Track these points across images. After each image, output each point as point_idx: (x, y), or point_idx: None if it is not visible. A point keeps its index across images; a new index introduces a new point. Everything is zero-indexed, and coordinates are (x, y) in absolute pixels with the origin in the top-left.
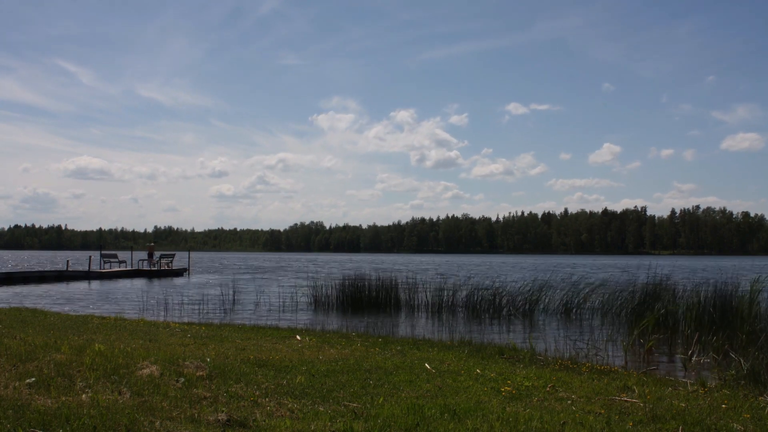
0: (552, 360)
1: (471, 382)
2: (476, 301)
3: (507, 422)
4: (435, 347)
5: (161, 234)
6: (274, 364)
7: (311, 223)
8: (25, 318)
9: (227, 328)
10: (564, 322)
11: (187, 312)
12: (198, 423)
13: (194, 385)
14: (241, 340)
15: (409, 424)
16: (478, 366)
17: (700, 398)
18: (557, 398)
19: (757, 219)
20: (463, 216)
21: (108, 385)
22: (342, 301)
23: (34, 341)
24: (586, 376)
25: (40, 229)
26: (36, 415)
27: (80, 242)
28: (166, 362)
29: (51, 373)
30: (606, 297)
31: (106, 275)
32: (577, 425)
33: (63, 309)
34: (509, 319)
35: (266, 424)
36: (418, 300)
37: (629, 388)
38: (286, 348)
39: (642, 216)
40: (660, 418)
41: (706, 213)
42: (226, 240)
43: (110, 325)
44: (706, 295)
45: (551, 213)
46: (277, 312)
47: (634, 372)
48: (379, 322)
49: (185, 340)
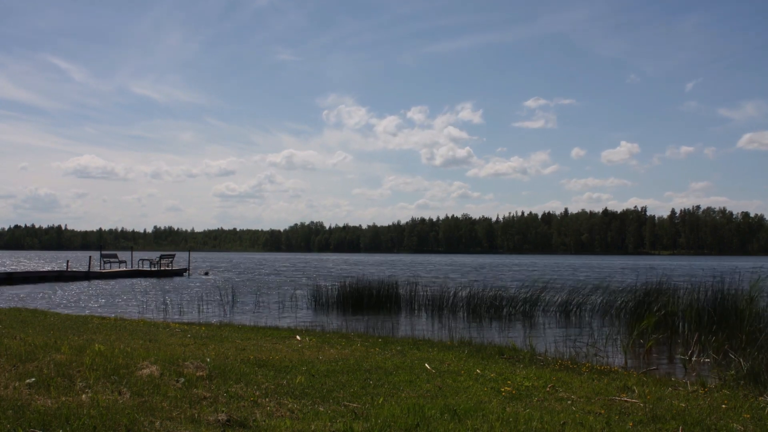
0: (552, 360)
1: (471, 383)
2: (476, 301)
3: (507, 422)
4: (435, 347)
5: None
6: (274, 364)
7: (311, 223)
8: (25, 318)
9: (227, 328)
10: (564, 322)
11: (187, 312)
12: (198, 423)
13: (194, 385)
14: (241, 341)
15: (409, 424)
16: (478, 366)
17: (700, 398)
18: (557, 398)
19: (757, 219)
20: (463, 216)
21: (108, 385)
22: (342, 302)
23: (34, 341)
24: (586, 376)
25: (40, 229)
26: (36, 415)
27: (80, 242)
28: (166, 362)
29: (51, 373)
30: (606, 297)
31: (106, 275)
32: (577, 425)
33: (63, 309)
34: (509, 320)
35: (266, 425)
36: (418, 300)
37: (629, 388)
38: (286, 348)
39: (642, 216)
40: (660, 418)
41: (706, 213)
42: (226, 240)
43: (110, 325)
44: (706, 296)
45: (551, 213)
46: (277, 312)
47: (634, 372)
48: (379, 322)
49: (185, 340)
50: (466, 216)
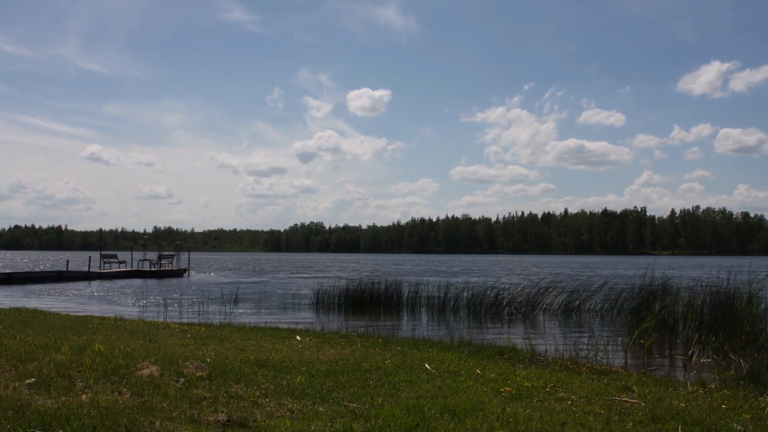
0: (552, 360)
1: (471, 383)
2: (477, 301)
3: (507, 422)
4: (435, 348)
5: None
6: (274, 364)
7: (311, 223)
8: (25, 318)
9: (227, 328)
10: (564, 322)
11: (187, 312)
12: (198, 423)
13: (194, 385)
14: (241, 341)
15: (409, 424)
16: (478, 366)
17: (700, 398)
18: (557, 398)
19: (757, 219)
20: (463, 216)
21: (108, 386)
22: (342, 302)
23: (34, 341)
24: (586, 376)
25: (40, 229)
26: (36, 415)
27: (80, 242)
28: (166, 362)
29: (51, 373)
30: (606, 298)
31: (106, 275)
32: (577, 425)
33: (63, 309)
34: (510, 320)
35: (266, 425)
36: (418, 301)
37: (629, 388)
38: (286, 348)
39: (642, 216)
40: (660, 418)
41: (706, 213)
42: (226, 240)
43: (110, 325)
44: (706, 296)
45: (551, 213)
46: (277, 312)
47: (634, 372)
48: (379, 322)
49: (185, 341)
50: (466, 216)
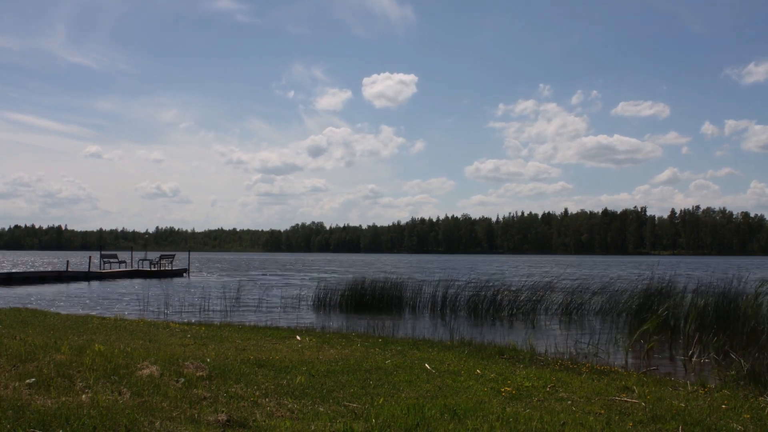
0: (552, 360)
1: (471, 383)
2: (477, 301)
3: (507, 422)
4: (435, 347)
5: (161, 234)
6: (274, 364)
7: (312, 223)
8: (25, 318)
9: (227, 328)
10: (565, 322)
11: (187, 312)
12: (198, 423)
13: (194, 385)
14: (241, 341)
15: (409, 424)
16: (479, 366)
17: (700, 398)
18: (557, 398)
19: (757, 219)
20: (463, 216)
21: (108, 386)
22: (342, 302)
23: (34, 341)
24: (586, 376)
25: (40, 229)
26: (36, 415)
27: (80, 243)
28: (166, 362)
29: (51, 373)
30: (607, 298)
31: (106, 275)
32: (577, 425)
33: (63, 309)
34: (510, 320)
35: (266, 425)
36: (418, 301)
37: (629, 388)
38: (286, 348)
39: (642, 216)
40: (660, 418)
41: (706, 213)
42: (226, 240)
43: (110, 325)
44: (707, 296)
45: (551, 213)
46: (277, 312)
47: (634, 372)
48: (379, 322)
49: (185, 341)
50: (466, 216)
